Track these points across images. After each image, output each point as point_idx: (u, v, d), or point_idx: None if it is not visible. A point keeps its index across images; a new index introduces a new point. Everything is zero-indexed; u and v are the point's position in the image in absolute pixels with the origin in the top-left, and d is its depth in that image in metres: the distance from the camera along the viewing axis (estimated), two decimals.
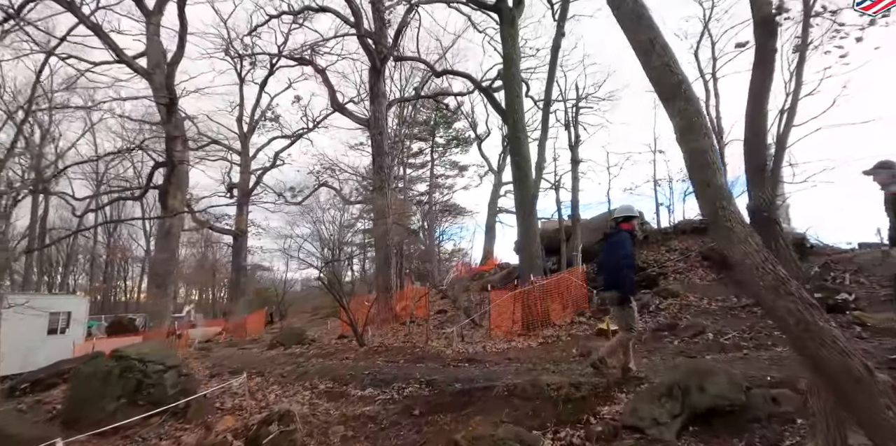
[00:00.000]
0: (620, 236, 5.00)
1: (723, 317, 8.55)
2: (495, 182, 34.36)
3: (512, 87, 12.52)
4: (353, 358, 10.06)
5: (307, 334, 15.55)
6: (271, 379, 7.71)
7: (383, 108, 18.99)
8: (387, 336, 13.88)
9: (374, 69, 18.73)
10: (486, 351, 9.03)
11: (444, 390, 5.59)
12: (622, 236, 4.99)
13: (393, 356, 9.66)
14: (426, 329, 12.29)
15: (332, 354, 11.07)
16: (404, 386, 6.11)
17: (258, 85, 29.56)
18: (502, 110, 13.16)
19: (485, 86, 15.12)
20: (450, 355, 8.95)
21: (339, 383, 6.78)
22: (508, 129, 12.78)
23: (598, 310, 11.23)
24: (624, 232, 5.05)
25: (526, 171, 11.95)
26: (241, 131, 29.59)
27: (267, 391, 7.01)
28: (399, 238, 18.64)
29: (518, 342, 9.67)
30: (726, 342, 6.84)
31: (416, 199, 34.20)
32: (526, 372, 6.23)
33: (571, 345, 8.41)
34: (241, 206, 27.97)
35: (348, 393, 6.24)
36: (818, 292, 7.76)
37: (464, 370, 7.05)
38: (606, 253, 5.11)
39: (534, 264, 11.62)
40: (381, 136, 18.59)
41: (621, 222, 5.18)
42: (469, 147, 37.36)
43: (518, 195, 12.05)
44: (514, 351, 8.65)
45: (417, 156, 37.14)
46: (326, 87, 20.63)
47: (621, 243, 4.90)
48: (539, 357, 7.73)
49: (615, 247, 4.93)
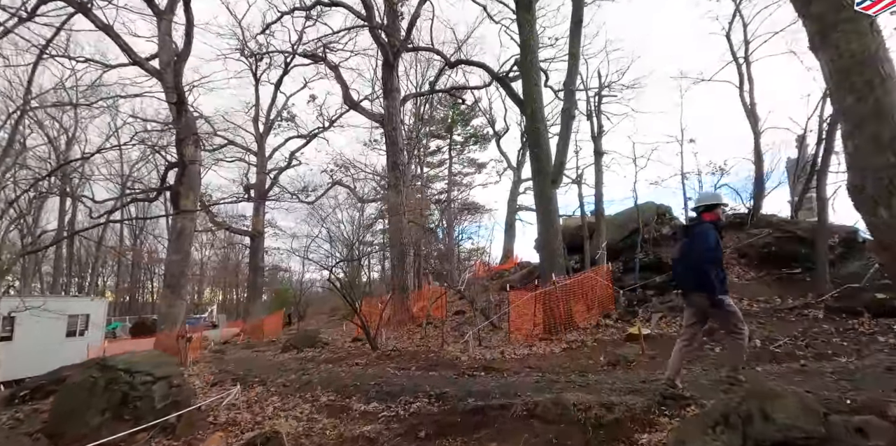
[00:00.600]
0: (703, 227, 4.29)
1: (768, 320, 7.70)
2: (514, 179, 33.60)
3: (530, 76, 11.78)
4: (363, 363, 9.52)
5: (321, 337, 15.14)
6: (272, 389, 7.18)
7: (397, 103, 18.45)
8: (402, 338, 13.34)
9: (387, 63, 18.19)
10: (504, 358, 8.36)
11: (455, 407, 4.94)
12: (704, 227, 4.28)
13: (405, 362, 9.07)
14: (442, 332, 11.67)
15: (342, 359, 10.55)
16: (412, 401, 5.48)
17: (273, 85, 29.38)
18: (520, 101, 12.43)
19: (501, 76, 14.39)
20: (465, 362, 8.31)
21: (342, 395, 6.20)
22: (527, 120, 12.07)
23: (625, 313, 10.46)
24: (707, 223, 4.34)
25: (545, 164, 11.21)
26: (258, 132, 29.42)
27: (266, 403, 6.46)
28: (416, 236, 18.07)
29: (539, 347, 8.97)
30: (777, 350, 6.04)
31: (435, 198, 33.68)
32: (548, 384, 5.53)
33: (598, 352, 7.68)
34: (258, 207, 27.80)
35: (350, 408, 5.64)
36: (879, 292, 6.88)
37: (479, 380, 6.39)
38: (686, 248, 4.38)
39: (555, 263, 10.88)
40: (396, 133, 18.05)
41: (703, 212, 4.50)
42: (487, 144, 36.72)
43: (537, 189, 11.30)
44: (535, 358, 7.96)
45: (435, 154, 36.62)
46: (340, 83, 20.18)
47: (704, 235, 4.19)
48: (562, 365, 7.03)
49: (697, 241, 4.23)
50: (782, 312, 7.91)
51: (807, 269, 9.68)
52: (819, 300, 7.71)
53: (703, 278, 4.03)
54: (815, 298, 7.96)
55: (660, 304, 10.04)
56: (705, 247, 4.11)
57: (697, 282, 4.10)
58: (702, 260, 4.10)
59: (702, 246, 4.13)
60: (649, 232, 14.37)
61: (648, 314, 9.80)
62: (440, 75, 19.55)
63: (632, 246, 14.08)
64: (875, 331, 6.13)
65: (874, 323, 6.37)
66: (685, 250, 4.36)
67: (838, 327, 6.64)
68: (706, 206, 4.48)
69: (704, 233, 4.18)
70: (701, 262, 4.09)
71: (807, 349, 5.92)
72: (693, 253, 4.20)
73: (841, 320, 6.95)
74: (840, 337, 6.27)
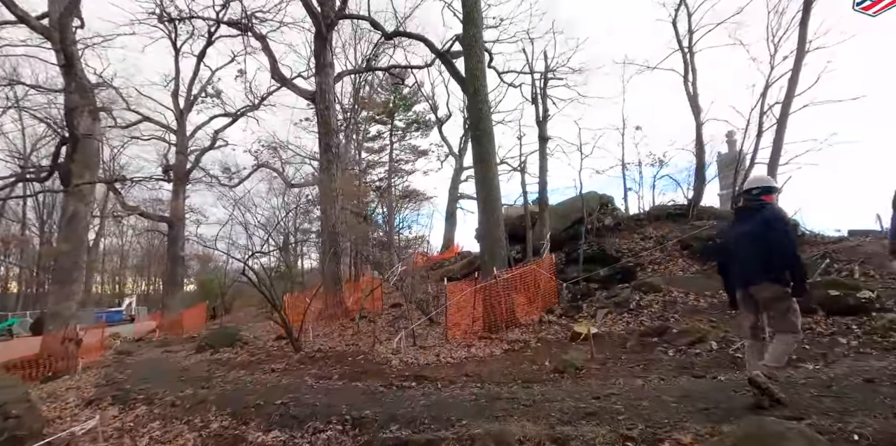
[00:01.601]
0: (771, 211, 3.76)
1: (719, 317, 7.25)
2: (456, 166, 32.83)
3: (473, 52, 10.80)
4: (281, 369, 8.34)
5: (242, 334, 13.64)
6: (157, 410, 5.88)
7: (330, 79, 16.92)
8: (332, 335, 12.19)
9: (320, 35, 16.60)
10: (439, 362, 7.46)
11: (373, 439, 3.96)
12: (773, 211, 3.76)
13: (329, 367, 7.99)
14: (374, 330, 10.64)
15: (259, 363, 9.32)
16: (322, 428, 4.44)
17: (196, 57, 26.59)
18: (462, 79, 11.44)
19: (443, 51, 13.32)
20: (396, 367, 7.35)
21: (239, 419, 5.04)
22: (469, 100, 11.11)
23: (569, 307, 9.85)
24: (773, 205, 3.86)
25: (488, 148, 10.33)
26: (177, 108, 26.65)
27: (142, 432, 5.20)
28: (352, 223, 16.81)
29: (479, 348, 8.15)
30: (737, 355, 5.49)
31: (374, 185, 32.27)
32: (488, 402, 4.65)
33: (543, 355, 6.93)
34: (177, 190, 25.27)
35: (244, 439, 4.52)
36: (831, 288, 6.54)
37: (409, 394, 5.44)
38: (753, 233, 3.75)
39: (497, 254, 10.08)
40: (329, 112, 16.58)
41: (762, 194, 3.94)
42: (429, 131, 35.63)
43: (479, 174, 10.43)
44: (474, 363, 7.10)
45: (375, 139, 35.10)
46: (267, 55, 18.32)
47: (776, 220, 3.67)
48: (505, 373, 6.21)
49: (768, 225, 3.65)
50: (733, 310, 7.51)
51: None
52: None
53: (788, 266, 3.55)
54: None
55: (605, 299, 9.50)
56: (785, 231, 3.64)
57: (775, 270, 3.58)
58: (788, 246, 3.59)
59: (778, 231, 3.62)
60: (592, 222, 13.97)
61: (594, 309, 9.23)
62: (377, 47, 18.17)
63: (574, 236, 13.61)
64: (834, 332, 5.74)
65: (830, 322, 6.01)
66: (752, 235, 3.77)
67: None
68: (765, 188, 3.96)
69: (776, 217, 3.71)
70: (786, 248, 3.57)
71: None
72: (771, 238, 3.62)
73: None
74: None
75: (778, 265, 3.56)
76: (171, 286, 25.87)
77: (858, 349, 5.20)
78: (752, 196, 3.98)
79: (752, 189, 4.02)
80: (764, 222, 3.69)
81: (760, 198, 3.92)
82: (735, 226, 4.12)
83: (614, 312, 8.72)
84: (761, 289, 3.68)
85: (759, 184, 4.02)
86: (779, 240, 3.59)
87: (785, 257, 3.55)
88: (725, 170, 19.26)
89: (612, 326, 8.06)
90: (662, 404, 4.02)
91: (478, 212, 10.65)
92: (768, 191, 3.95)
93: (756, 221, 3.77)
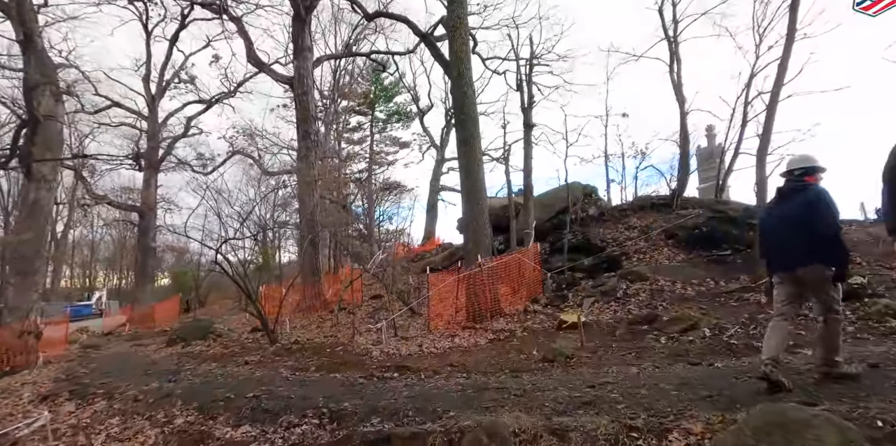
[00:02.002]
0: (814, 192, 3.57)
1: (709, 305, 7.10)
2: (438, 158, 32.43)
3: (458, 33, 10.42)
4: (255, 361, 7.95)
5: (216, 327, 13.11)
6: (117, 406, 5.43)
7: (309, 64, 16.33)
8: (310, 327, 11.80)
9: (298, 17, 15.99)
10: (422, 352, 7.16)
11: (352, 434, 3.63)
12: (816, 191, 3.57)
13: (306, 359, 7.63)
14: (353, 321, 10.27)
15: (233, 356, 8.90)
16: (297, 422, 4.09)
17: (169, 41, 25.51)
18: (446, 62, 11.08)
19: (426, 33, 12.89)
20: (376, 358, 7.03)
21: (206, 414, 4.65)
22: (453, 84, 10.73)
23: (554, 297, 9.63)
24: (817, 186, 3.64)
25: (473, 132, 9.99)
26: (149, 93, 25.56)
27: (99, 428, 4.77)
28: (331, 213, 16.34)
29: (463, 338, 7.87)
30: (733, 341, 5.31)
31: (354, 176, 31.65)
32: (476, 392, 4.37)
33: (530, 344, 6.68)
34: (149, 179, 24.30)
35: (211, 435, 4.15)
36: None
37: (390, 385, 5.12)
38: (795, 214, 3.58)
39: (481, 242, 9.79)
40: (307, 98, 16.00)
41: (805, 175, 3.72)
42: (410, 122, 35.05)
43: (463, 160, 10.10)
44: (458, 353, 6.82)
45: (356, 130, 34.42)
46: (243, 38, 17.58)
47: (819, 200, 3.49)
48: (491, 362, 5.94)
49: (811, 207, 3.49)
50: (721, 297, 7.37)
51: (736, 251, 9.36)
52: (759, 283, 7.25)
53: (832, 249, 3.42)
54: (753, 281, 7.51)
55: (592, 288, 9.31)
56: (829, 211, 3.46)
57: (820, 253, 3.43)
58: (832, 228, 3.45)
59: (827, 211, 3.45)
60: (576, 212, 13.80)
61: (580, 298, 9.03)
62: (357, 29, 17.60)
63: (558, 226, 13.43)
64: None
65: None
66: (794, 217, 3.60)
67: None
68: (808, 169, 3.75)
69: (820, 198, 3.50)
70: (830, 230, 3.44)
71: (763, 339, 5.24)
72: (815, 220, 3.47)
73: None
74: (792, 325, 5.68)
75: (822, 248, 3.40)
76: (142, 278, 24.97)
77: (855, 334, 5.07)
78: (794, 177, 3.79)
79: (795, 169, 3.80)
80: (807, 204, 3.51)
81: (803, 178, 3.72)
82: (776, 209, 3.90)
83: (601, 301, 8.53)
84: (811, 271, 3.50)
85: (801, 164, 3.80)
86: (823, 223, 3.43)
87: (828, 240, 3.39)
88: (705, 163, 19.34)
89: (600, 315, 7.86)
90: (662, 392, 3.79)
91: (461, 199, 10.34)
92: (812, 170, 3.74)
93: (798, 203, 3.58)
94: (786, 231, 3.63)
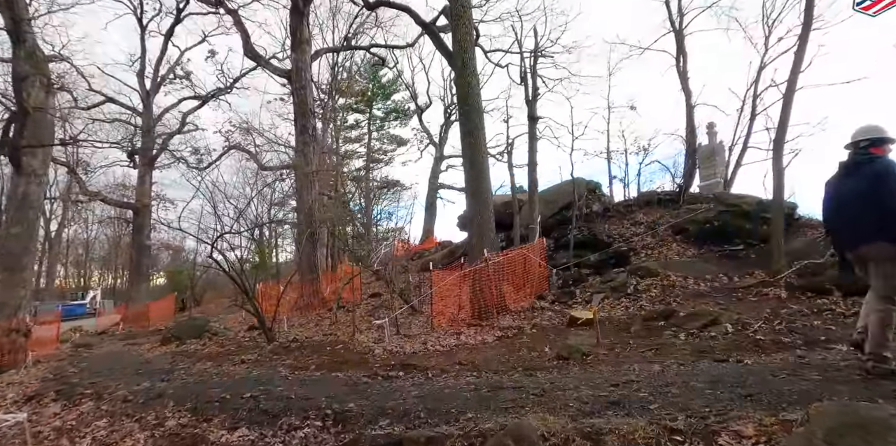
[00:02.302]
0: (881, 163, 3.31)
1: (726, 300, 6.82)
2: (436, 155, 32.13)
3: (462, 22, 10.12)
4: (252, 360, 7.62)
5: (212, 326, 12.79)
6: (105, 407, 5.10)
7: (307, 57, 16.01)
8: (308, 326, 11.50)
9: (296, 10, 15.66)
10: (427, 350, 6.85)
11: (359, 437, 3.32)
12: (884, 163, 3.30)
13: (305, 357, 7.31)
14: (353, 318, 9.95)
15: (229, 354, 8.58)
16: (298, 425, 3.78)
17: (164, 36, 25.10)
18: (449, 52, 10.77)
19: (429, 23, 12.58)
20: (379, 356, 6.71)
21: (200, 416, 4.33)
22: (456, 74, 10.42)
23: (561, 293, 9.35)
24: (884, 158, 3.39)
25: (477, 123, 9.69)
26: (143, 89, 25.15)
27: (85, 431, 4.44)
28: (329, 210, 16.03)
29: (469, 335, 7.56)
30: (759, 337, 5.01)
31: (352, 175, 31.28)
32: (491, 391, 4.07)
33: (541, 342, 6.38)
34: (143, 175, 23.90)
35: (205, 439, 3.83)
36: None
37: (397, 385, 4.82)
38: (864, 188, 3.32)
39: (486, 236, 9.49)
40: (305, 92, 15.67)
41: (871, 146, 3.45)
42: (408, 120, 34.78)
43: (467, 152, 9.79)
44: (466, 351, 6.51)
45: (354, 128, 34.07)
46: (239, 31, 17.24)
47: (889, 173, 3.22)
48: (502, 360, 5.63)
49: (878, 179, 3.24)
50: (738, 292, 7.10)
51: (749, 246, 9.09)
52: (777, 278, 6.97)
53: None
54: (771, 276, 7.24)
55: (600, 284, 9.02)
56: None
57: (889, 230, 3.17)
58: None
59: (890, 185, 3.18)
60: (581, 208, 13.52)
61: (588, 295, 8.74)
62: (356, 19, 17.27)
63: (562, 222, 13.15)
64: (856, 312, 5.33)
65: (850, 303, 5.62)
66: (861, 192, 3.34)
67: (811, 308, 5.84)
68: (875, 140, 3.48)
69: (889, 170, 3.24)
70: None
71: (791, 334, 4.96)
72: (882, 194, 3.20)
73: (808, 299, 6.19)
74: (819, 320, 5.43)
75: (891, 224, 3.12)
76: (137, 276, 24.58)
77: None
78: (860, 149, 3.52)
79: (860, 141, 3.53)
80: (875, 176, 3.25)
81: (869, 150, 3.46)
82: (840, 183, 3.60)
83: (611, 297, 8.24)
84: (874, 249, 3.25)
85: (867, 135, 3.53)
86: (892, 197, 3.15)
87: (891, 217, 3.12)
88: (706, 161, 19.11)
89: (611, 311, 7.57)
90: (695, 391, 3.49)
91: (465, 192, 10.05)
92: (879, 142, 3.47)
93: (864, 176, 3.33)
94: (852, 207, 3.35)
